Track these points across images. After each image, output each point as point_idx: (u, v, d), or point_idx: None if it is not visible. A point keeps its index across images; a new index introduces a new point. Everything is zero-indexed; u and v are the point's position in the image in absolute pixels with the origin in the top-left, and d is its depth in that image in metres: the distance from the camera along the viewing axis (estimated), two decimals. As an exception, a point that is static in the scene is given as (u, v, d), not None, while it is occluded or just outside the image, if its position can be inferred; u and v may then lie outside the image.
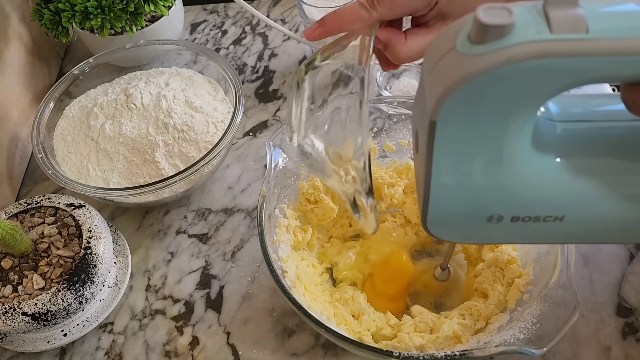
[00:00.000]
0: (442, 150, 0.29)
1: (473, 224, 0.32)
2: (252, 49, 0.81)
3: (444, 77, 0.27)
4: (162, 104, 0.61)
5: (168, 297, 0.58)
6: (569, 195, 0.30)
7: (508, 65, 0.25)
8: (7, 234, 0.48)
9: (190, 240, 0.62)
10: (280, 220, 0.53)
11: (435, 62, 0.28)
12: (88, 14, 0.68)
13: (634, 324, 0.52)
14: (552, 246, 0.46)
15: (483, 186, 0.30)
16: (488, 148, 0.29)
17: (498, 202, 0.31)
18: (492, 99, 0.27)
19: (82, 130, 0.62)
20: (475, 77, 0.26)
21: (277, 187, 0.52)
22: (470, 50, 0.26)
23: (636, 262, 0.56)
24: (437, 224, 0.33)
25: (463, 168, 0.30)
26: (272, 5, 0.87)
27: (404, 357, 0.41)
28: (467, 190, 0.31)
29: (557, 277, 0.44)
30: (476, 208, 0.31)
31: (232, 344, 0.54)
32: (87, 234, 0.52)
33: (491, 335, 0.45)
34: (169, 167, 0.60)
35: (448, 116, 0.28)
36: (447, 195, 0.31)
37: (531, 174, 0.30)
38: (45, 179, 0.69)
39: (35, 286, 0.49)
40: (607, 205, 0.31)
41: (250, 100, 0.74)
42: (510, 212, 0.31)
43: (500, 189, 0.30)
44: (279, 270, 0.47)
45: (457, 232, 0.34)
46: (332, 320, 0.49)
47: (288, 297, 0.44)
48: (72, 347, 0.55)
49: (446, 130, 0.28)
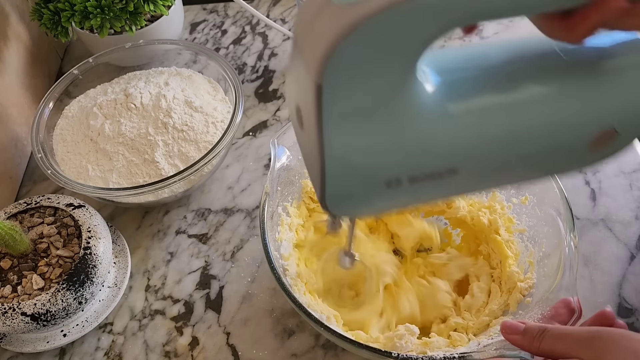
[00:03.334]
0: (332, 117, 0.27)
1: (374, 192, 0.31)
2: (251, 48, 0.81)
3: (324, 33, 0.25)
4: (161, 104, 0.61)
5: (168, 298, 0.58)
6: (459, 143, 0.30)
7: (389, 8, 0.24)
8: (6, 234, 0.48)
9: (190, 240, 0.62)
10: (283, 218, 0.53)
11: (310, 20, 0.26)
12: (87, 14, 0.68)
13: (635, 324, 0.52)
14: (555, 249, 0.46)
15: (378, 149, 0.29)
16: (377, 107, 0.28)
17: (394, 164, 0.30)
18: (375, 49, 0.25)
19: (82, 130, 0.62)
20: (358, 27, 0.24)
21: (281, 184, 0.52)
22: (346, 0, 0.25)
23: (637, 263, 0.56)
24: (336, 199, 0.31)
25: (355, 133, 0.28)
26: (272, 5, 0.87)
27: (402, 357, 0.40)
28: (363, 156, 0.29)
29: (560, 281, 0.44)
30: (374, 174, 0.30)
31: (232, 344, 0.54)
32: (86, 234, 0.52)
33: (492, 338, 0.45)
34: (168, 167, 0.59)
35: (333, 76, 0.26)
36: (343, 166, 0.29)
37: (421, 128, 0.29)
38: (44, 179, 0.69)
39: (35, 286, 0.49)
40: (495, 143, 0.30)
41: (250, 100, 0.74)
42: (407, 173, 0.30)
43: (395, 149, 0.29)
44: (280, 269, 0.47)
45: (358, 205, 0.32)
46: (332, 320, 0.48)
47: (288, 295, 0.44)
48: (72, 347, 0.55)
49: (333, 92, 0.26)
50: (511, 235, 0.52)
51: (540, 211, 0.50)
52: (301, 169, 0.55)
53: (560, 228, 0.46)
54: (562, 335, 0.35)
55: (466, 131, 0.30)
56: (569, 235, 0.45)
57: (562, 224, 0.46)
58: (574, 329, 0.35)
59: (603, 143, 0.32)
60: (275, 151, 0.51)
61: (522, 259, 0.51)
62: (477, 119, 0.30)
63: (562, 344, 0.35)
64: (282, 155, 0.52)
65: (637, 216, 0.59)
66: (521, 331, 0.38)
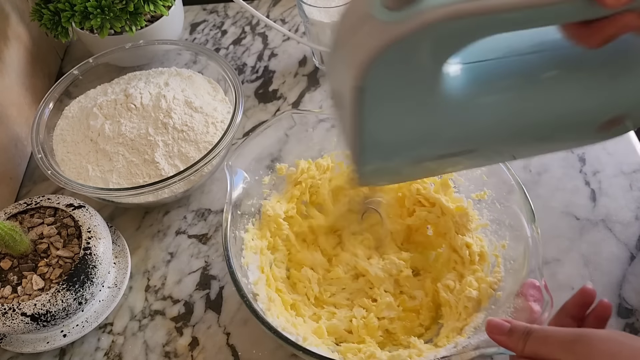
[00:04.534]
0: (371, 112, 0.31)
1: (401, 168, 0.35)
2: (251, 49, 0.81)
3: (365, 44, 0.28)
4: (161, 104, 0.61)
5: (168, 298, 0.58)
6: (482, 127, 0.33)
7: (426, 28, 0.27)
8: (6, 235, 0.48)
9: (189, 240, 0.62)
10: (247, 242, 0.52)
11: (353, 30, 0.29)
12: (87, 14, 0.68)
13: (635, 324, 0.52)
14: (518, 241, 0.47)
15: (408, 134, 0.33)
16: (408, 99, 0.31)
17: (426, 148, 0.33)
18: (413, 59, 0.29)
19: (82, 131, 0.62)
20: (398, 41, 0.28)
21: (241, 208, 0.52)
22: (389, 16, 0.28)
23: (637, 263, 0.56)
24: (367, 175, 0.35)
25: (389, 121, 0.32)
26: (272, 5, 0.87)
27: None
28: (394, 140, 0.33)
29: (527, 273, 0.44)
30: (406, 157, 0.34)
31: (232, 344, 0.54)
32: (86, 234, 0.52)
33: (469, 338, 0.45)
34: (168, 167, 0.59)
35: (373, 80, 0.29)
36: (377, 148, 0.33)
37: (448, 115, 0.32)
38: (44, 180, 0.69)
39: (35, 287, 0.49)
40: (513, 127, 0.34)
41: (250, 101, 0.74)
42: (434, 153, 0.34)
43: (424, 134, 0.33)
44: (250, 294, 0.46)
45: (385, 178, 0.37)
46: (310, 339, 0.47)
47: (262, 321, 0.44)
48: (72, 347, 0.55)
49: (372, 93, 0.30)
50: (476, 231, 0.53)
51: (499, 205, 0.51)
52: (259, 189, 0.55)
53: (522, 220, 0.47)
54: (546, 338, 0.36)
55: (488, 116, 0.33)
56: (531, 226, 0.46)
57: (523, 215, 0.47)
58: (559, 331, 0.36)
59: (612, 126, 0.35)
60: (232, 178, 0.51)
61: (489, 251, 0.51)
62: (499, 109, 0.33)
63: (545, 346, 0.36)
64: (239, 182, 0.51)
65: (637, 216, 0.59)
66: (507, 331, 0.38)
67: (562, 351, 0.35)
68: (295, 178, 0.57)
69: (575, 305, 0.41)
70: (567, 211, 0.60)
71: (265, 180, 0.56)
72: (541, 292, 0.42)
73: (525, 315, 0.41)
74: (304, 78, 0.76)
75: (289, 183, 0.57)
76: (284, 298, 0.52)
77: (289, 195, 0.57)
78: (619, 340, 0.34)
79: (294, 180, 0.57)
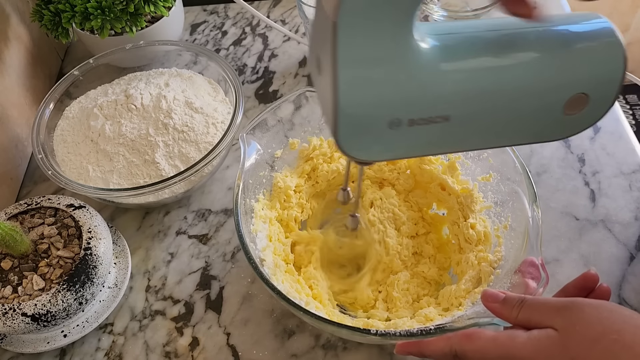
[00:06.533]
0: (345, 58, 0.32)
1: (379, 132, 0.35)
2: (252, 49, 0.81)
3: None
4: (162, 105, 0.61)
5: (168, 298, 0.58)
6: (450, 94, 0.35)
7: None
8: (7, 235, 0.48)
9: (190, 241, 0.62)
10: (257, 211, 0.54)
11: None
12: (88, 15, 0.68)
13: (634, 324, 0.52)
14: (519, 222, 0.48)
15: (382, 92, 0.33)
16: (385, 49, 0.32)
17: (395, 106, 0.34)
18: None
19: (82, 131, 0.62)
20: None
21: (252, 178, 0.53)
22: None
23: (636, 263, 0.56)
24: (348, 138, 0.36)
25: (366, 72, 0.33)
26: (272, 6, 0.87)
27: (380, 334, 0.42)
28: (369, 96, 0.33)
29: (526, 251, 0.45)
30: (378, 113, 0.34)
31: (232, 344, 0.54)
32: (87, 234, 0.52)
33: (465, 310, 0.46)
34: (169, 167, 0.60)
35: (346, 16, 0.30)
36: (353, 104, 0.34)
37: (419, 79, 0.34)
38: (45, 180, 0.69)
39: (35, 287, 0.49)
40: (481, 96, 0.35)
41: (250, 101, 0.74)
42: (406, 115, 0.35)
43: (396, 93, 0.34)
44: (257, 259, 0.48)
45: (367, 146, 0.37)
46: (312, 305, 0.50)
47: (266, 283, 0.45)
48: (72, 348, 0.55)
49: (346, 31, 0.31)
50: (480, 212, 0.54)
51: (504, 187, 0.52)
52: (271, 161, 0.57)
53: (523, 201, 0.49)
54: (538, 305, 0.37)
55: (456, 85, 0.35)
56: (532, 206, 0.48)
57: (525, 197, 0.49)
58: (551, 300, 0.37)
59: (577, 107, 0.36)
60: (246, 148, 0.52)
61: (491, 232, 0.53)
62: (465, 75, 0.35)
63: (538, 313, 0.36)
64: (252, 153, 0.53)
65: (637, 217, 0.59)
66: (501, 300, 0.39)
67: (554, 317, 0.35)
68: (307, 154, 0.59)
69: (576, 287, 0.42)
70: (566, 211, 0.60)
71: (278, 154, 0.57)
72: (539, 270, 0.43)
73: (521, 290, 0.42)
74: (304, 79, 0.76)
75: (300, 158, 0.59)
76: (290, 268, 0.53)
77: (300, 170, 0.59)
78: (609, 308, 0.34)
79: (306, 156, 0.59)
